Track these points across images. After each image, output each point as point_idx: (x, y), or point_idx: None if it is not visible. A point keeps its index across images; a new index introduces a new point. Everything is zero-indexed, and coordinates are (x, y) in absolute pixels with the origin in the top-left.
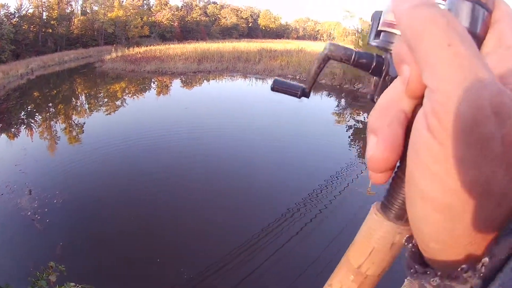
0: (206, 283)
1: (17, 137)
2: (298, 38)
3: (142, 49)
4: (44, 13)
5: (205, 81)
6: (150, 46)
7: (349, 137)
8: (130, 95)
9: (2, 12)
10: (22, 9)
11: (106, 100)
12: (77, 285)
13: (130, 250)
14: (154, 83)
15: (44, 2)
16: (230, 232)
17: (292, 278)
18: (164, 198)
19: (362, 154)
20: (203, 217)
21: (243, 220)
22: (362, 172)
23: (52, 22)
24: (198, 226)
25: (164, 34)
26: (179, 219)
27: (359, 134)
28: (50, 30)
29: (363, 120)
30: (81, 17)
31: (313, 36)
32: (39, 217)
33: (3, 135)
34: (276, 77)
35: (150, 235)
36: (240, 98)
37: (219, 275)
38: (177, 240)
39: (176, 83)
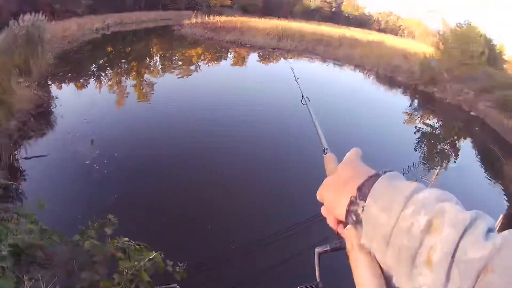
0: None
1: (85, 88)
2: (379, 30)
3: (223, 18)
4: None
5: (282, 59)
6: (231, 17)
7: (416, 139)
8: (205, 62)
9: None
10: None
11: (180, 63)
12: (131, 241)
13: (182, 213)
14: (231, 54)
15: None
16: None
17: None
18: (221, 166)
19: (424, 158)
20: (259, 192)
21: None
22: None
23: None
24: (252, 200)
25: (246, 7)
26: (235, 189)
27: (426, 138)
28: None
29: (432, 125)
30: None
31: (395, 31)
32: (97, 167)
33: (72, 85)
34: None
35: (205, 201)
36: (316, 81)
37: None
38: (230, 210)
39: (254, 57)
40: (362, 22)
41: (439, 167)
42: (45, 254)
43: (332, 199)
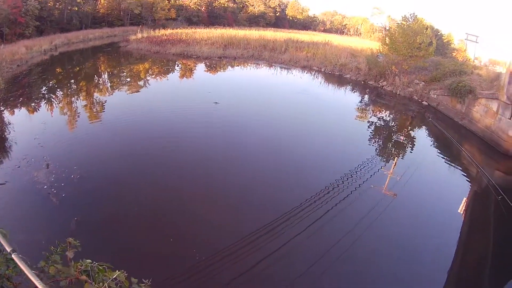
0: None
1: (37, 111)
2: (324, 31)
3: (168, 31)
4: None
5: (229, 67)
6: (176, 29)
7: (370, 133)
8: (153, 76)
9: None
10: None
11: (128, 79)
12: (94, 262)
13: (143, 228)
14: (178, 66)
15: None
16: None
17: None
18: (177, 178)
19: (381, 151)
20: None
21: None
22: (382, 169)
23: (78, 0)
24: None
25: (190, 18)
26: (188, 201)
27: (380, 131)
28: (76, 8)
29: (385, 118)
30: None
31: (340, 30)
32: (55, 191)
33: (24, 109)
34: None
35: (164, 215)
36: (264, 86)
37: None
38: (190, 220)
39: (201, 67)
40: (307, 24)
41: (396, 157)
42: (12, 284)
43: None
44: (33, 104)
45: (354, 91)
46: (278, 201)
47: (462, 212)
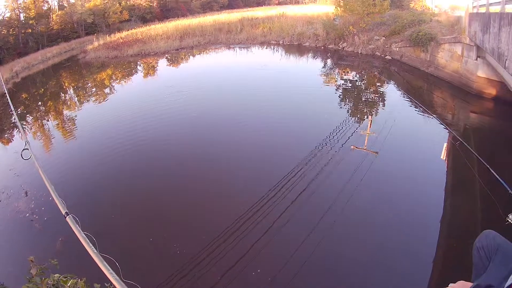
0: None
1: (11, 142)
2: (279, 3)
3: (123, 34)
4: (22, 14)
5: (190, 56)
6: (131, 30)
7: (339, 97)
8: (117, 81)
9: None
10: None
11: (94, 89)
12: (60, 276)
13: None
14: (139, 66)
15: (20, 3)
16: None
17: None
18: (159, 187)
19: (354, 112)
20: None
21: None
22: (359, 130)
23: (30, 21)
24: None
25: (144, 16)
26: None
27: (350, 93)
28: (30, 30)
29: (351, 78)
30: (59, 12)
31: (295, 0)
32: (37, 217)
33: None
34: None
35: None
36: (228, 67)
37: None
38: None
39: (161, 62)
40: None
41: (370, 116)
42: None
43: None
44: (5, 135)
45: (316, 58)
46: (263, 179)
47: (444, 159)
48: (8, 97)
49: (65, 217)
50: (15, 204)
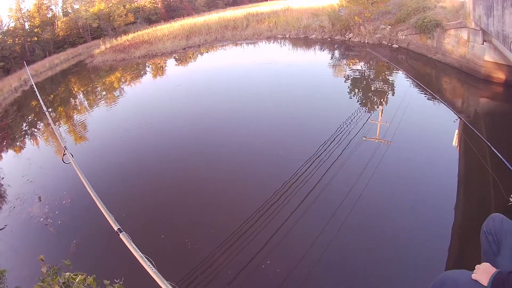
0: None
1: (23, 149)
2: None
3: (130, 36)
4: (26, 23)
5: (198, 54)
6: (137, 31)
7: (349, 87)
8: (126, 83)
9: None
10: (3, 25)
11: (104, 93)
12: (71, 274)
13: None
14: (147, 67)
15: (24, 13)
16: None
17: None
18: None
19: (365, 102)
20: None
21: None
22: (370, 119)
23: (36, 30)
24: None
25: (149, 18)
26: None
27: (359, 83)
28: (36, 38)
29: (359, 68)
30: (64, 19)
31: None
32: (51, 221)
33: (9, 151)
34: None
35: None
36: (237, 64)
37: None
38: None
39: (169, 62)
40: None
41: (381, 105)
42: None
43: None
44: (17, 143)
45: (323, 49)
46: (278, 172)
47: (456, 146)
48: (40, 100)
49: (118, 234)
50: (29, 210)
